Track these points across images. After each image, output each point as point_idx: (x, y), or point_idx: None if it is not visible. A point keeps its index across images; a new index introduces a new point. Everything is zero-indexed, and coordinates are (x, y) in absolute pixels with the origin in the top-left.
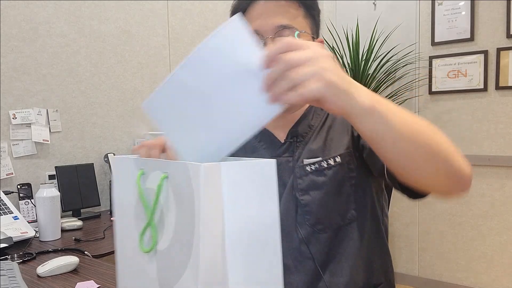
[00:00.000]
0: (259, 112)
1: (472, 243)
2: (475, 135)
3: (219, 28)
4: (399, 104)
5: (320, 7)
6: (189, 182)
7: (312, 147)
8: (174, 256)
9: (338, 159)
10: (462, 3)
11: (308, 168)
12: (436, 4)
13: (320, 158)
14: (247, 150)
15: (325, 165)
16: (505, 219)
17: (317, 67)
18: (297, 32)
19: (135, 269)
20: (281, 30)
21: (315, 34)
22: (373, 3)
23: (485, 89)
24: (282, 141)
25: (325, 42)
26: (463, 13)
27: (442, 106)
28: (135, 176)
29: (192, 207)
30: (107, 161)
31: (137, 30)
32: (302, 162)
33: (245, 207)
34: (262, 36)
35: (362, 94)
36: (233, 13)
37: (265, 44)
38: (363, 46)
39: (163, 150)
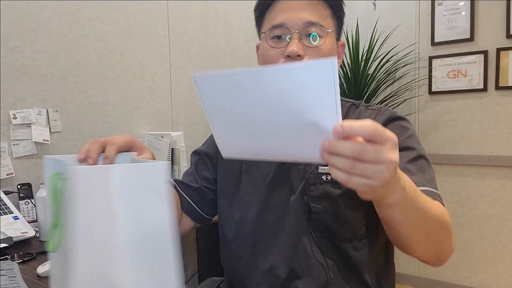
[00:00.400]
0: (305, 151)
1: (472, 243)
2: (475, 135)
3: (311, 63)
4: (399, 104)
5: None
6: (72, 184)
7: None
8: (63, 260)
9: None
10: (462, 3)
11: (323, 177)
12: (436, 4)
13: None
14: None
15: None
16: (505, 219)
17: (381, 167)
18: (321, 29)
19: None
20: (309, 26)
21: (338, 35)
22: (373, 3)
23: (485, 89)
24: None
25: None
26: (463, 13)
27: (442, 106)
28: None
29: (72, 210)
30: None
31: (137, 30)
32: (317, 169)
33: (134, 212)
34: (288, 30)
35: (397, 191)
36: (259, 6)
37: (291, 38)
38: (363, 46)
39: (104, 147)
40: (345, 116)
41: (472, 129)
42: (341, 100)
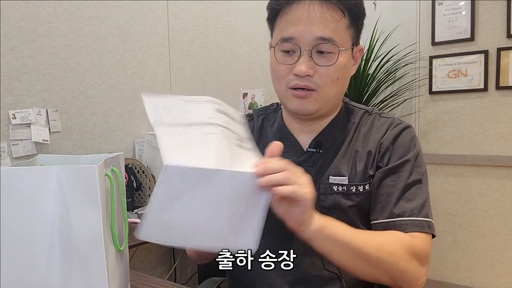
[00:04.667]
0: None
1: (472, 243)
2: (475, 135)
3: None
4: (399, 104)
5: None
6: (1, 185)
7: (337, 163)
8: None
9: (367, 187)
10: (462, 3)
11: (335, 188)
12: (436, 4)
13: (346, 178)
14: None
15: (354, 190)
16: (505, 219)
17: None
18: (333, 46)
19: None
20: (320, 44)
21: (355, 42)
22: (373, 3)
23: (485, 89)
24: (305, 148)
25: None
26: (463, 13)
27: (442, 106)
28: None
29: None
30: None
31: (137, 30)
32: (328, 179)
33: (64, 215)
34: (298, 46)
35: (316, 218)
36: (270, 9)
37: (300, 55)
38: (363, 46)
39: None
40: (358, 124)
41: (472, 129)
42: (354, 107)
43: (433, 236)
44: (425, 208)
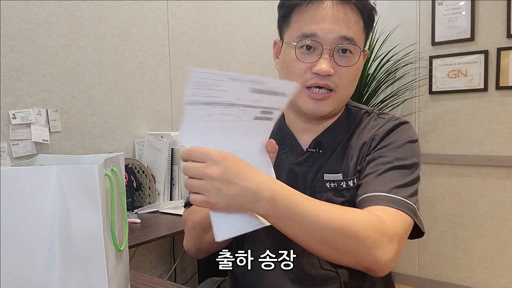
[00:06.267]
0: None
1: (472, 243)
2: (475, 135)
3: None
4: (400, 104)
5: None
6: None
7: (333, 161)
8: None
9: (356, 181)
10: (462, 3)
11: (327, 185)
12: (436, 4)
13: (340, 175)
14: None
15: (344, 186)
16: (505, 219)
17: (203, 182)
18: (355, 46)
19: None
20: (343, 43)
21: (364, 46)
22: (373, 2)
23: (485, 89)
24: (304, 148)
25: None
26: (463, 13)
27: (442, 106)
28: None
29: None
30: None
31: (137, 30)
32: (322, 176)
33: (65, 215)
34: (320, 44)
35: (262, 201)
36: (285, 6)
37: (321, 54)
38: None
39: None
40: (358, 123)
41: (472, 129)
42: (355, 107)
43: (421, 232)
44: (406, 190)
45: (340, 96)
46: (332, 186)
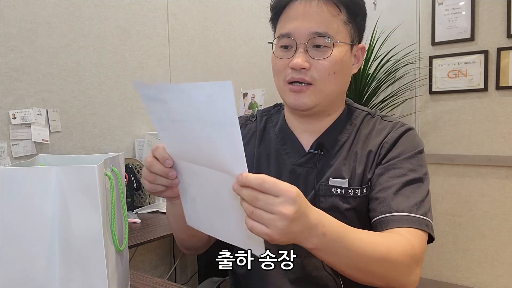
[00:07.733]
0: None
1: (472, 243)
2: (475, 135)
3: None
4: (400, 104)
5: None
6: (2, 185)
7: (338, 165)
8: None
9: (365, 191)
10: (462, 3)
11: (334, 190)
12: (436, 4)
13: (346, 181)
14: (271, 151)
15: (352, 194)
16: (505, 219)
17: (273, 216)
18: (328, 40)
19: None
20: (315, 37)
21: (356, 40)
22: (373, 3)
23: (485, 89)
24: (306, 149)
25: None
26: (463, 13)
27: (442, 106)
28: None
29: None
30: None
31: (137, 30)
32: (328, 180)
33: (65, 214)
34: (294, 40)
35: (313, 237)
36: (273, 10)
37: (296, 49)
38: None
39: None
40: (359, 126)
41: (472, 129)
42: (356, 109)
43: (432, 239)
44: (424, 206)
45: (320, 90)
46: (339, 192)
